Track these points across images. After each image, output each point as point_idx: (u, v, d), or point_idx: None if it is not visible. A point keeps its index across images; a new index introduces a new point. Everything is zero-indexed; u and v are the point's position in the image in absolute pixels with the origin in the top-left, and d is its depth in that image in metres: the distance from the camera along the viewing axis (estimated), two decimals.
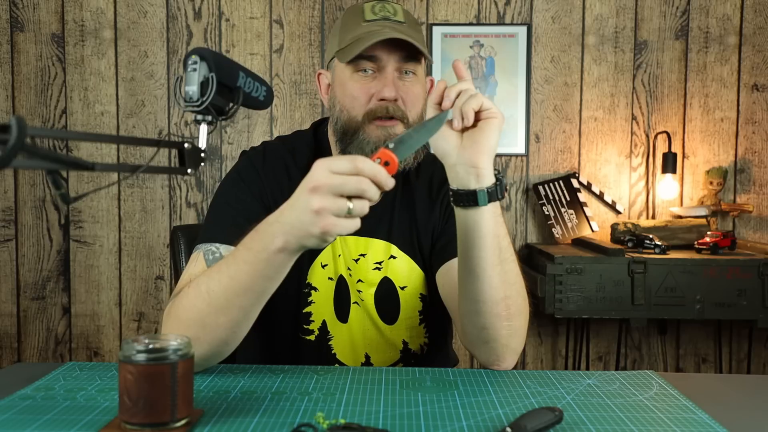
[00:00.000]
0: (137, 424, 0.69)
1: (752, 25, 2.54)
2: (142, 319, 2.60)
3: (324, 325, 1.15)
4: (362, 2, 1.13)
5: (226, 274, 0.86)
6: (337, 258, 1.14)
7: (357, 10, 1.12)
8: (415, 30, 1.11)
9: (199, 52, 0.75)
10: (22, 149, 0.52)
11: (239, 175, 1.14)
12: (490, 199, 0.90)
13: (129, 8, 2.55)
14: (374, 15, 1.09)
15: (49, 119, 2.58)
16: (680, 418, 0.77)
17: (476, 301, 0.94)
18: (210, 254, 1.02)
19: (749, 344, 2.56)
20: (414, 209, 1.17)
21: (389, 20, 1.08)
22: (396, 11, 1.10)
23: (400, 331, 1.16)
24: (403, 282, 1.16)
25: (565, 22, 2.56)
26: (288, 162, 1.16)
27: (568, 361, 2.54)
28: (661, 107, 2.57)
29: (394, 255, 1.15)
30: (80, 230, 2.59)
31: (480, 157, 0.91)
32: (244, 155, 1.19)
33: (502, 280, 0.93)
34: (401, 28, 1.08)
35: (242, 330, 0.90)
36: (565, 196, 2.49)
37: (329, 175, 0.75)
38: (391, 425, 0.73)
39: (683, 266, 2.12)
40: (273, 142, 1.22)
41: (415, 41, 1.06)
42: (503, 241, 0.93)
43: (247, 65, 2.53)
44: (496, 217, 0.92)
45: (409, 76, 1.10)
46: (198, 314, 0.88)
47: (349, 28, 1.10)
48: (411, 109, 1.09)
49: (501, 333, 0.95)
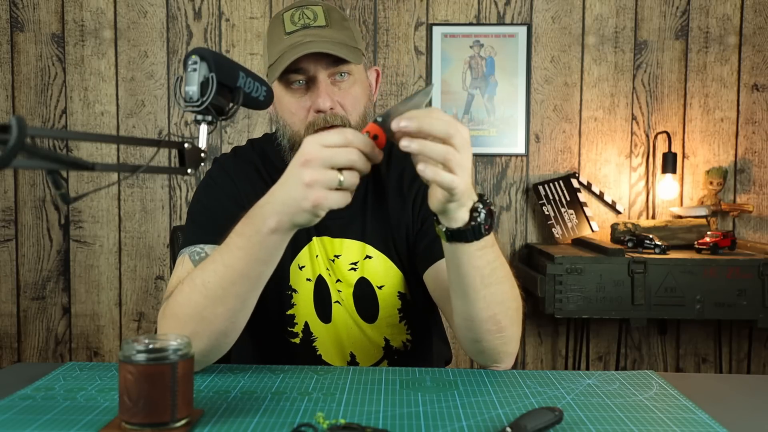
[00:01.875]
0: (137, 424, 0.69)
1: (752, 25, 2.54)
2: (142, 319, 2.60)
3: (307, 327, 1.15)
4: (282, 11, 1.10)
5: (221, 263, 0.86)
6: (314, 258, 1.14)
7: (278, 21, 1.09)
8: (341, 28, 1.07)
9: (199, 52, 0.75)
10: (22, 149, 0.52)
11: (212, 179, 1.15)
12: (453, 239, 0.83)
13: (129, 8, 2.55)
14: (294, 25, 1.06)
15: (49, 119, 2.58)
16: (680, 418, 0.77)
17: (465, 318, 0.93)
18: (196, 255, 1.02)
19: (749, 344, 2.56)
20: (386, 206, 1.16)
21: (310, 27, 1.05)
22: (316, 15, 1.07)
23: (380, 330, 1.16)
24: (380, 281, 1.15)
25: (565, 22, 2.56)
26: (258, 163, 1.17)
27: (568, 361, 2.54)
28: (661, 107, 2.57)
29: (369, 255, 1.15)
30: (80, 230, 2.59)
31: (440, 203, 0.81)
32: (215, 161, 1.20)
33: (489, 302, 0.89)
34: (324, 33, 1.04)
35: (240, 320, 0.90)
36: (565, 196, 2.49)
37: (320, 148, 0.75)
38: (391, 425, 0.73)
39: (683, 266, 2.12)
40: (242, 146, 1.23)
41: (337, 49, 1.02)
42: (484, 271, 0.87)
43: (247, 65, 2.53)
44: (472, 252, 0.84)
45: (344, 78, 1.07)
46: (195, 308, 0.87)
47: (274, 42, 1.08)
48: (352, 112, 1.07)
49: (494, 344, 0.94)
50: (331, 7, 1.10)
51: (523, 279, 2.32)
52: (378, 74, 1.19)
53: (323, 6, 1.09)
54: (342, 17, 1.10)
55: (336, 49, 1.03)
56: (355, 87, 1.08)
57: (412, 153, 0.76)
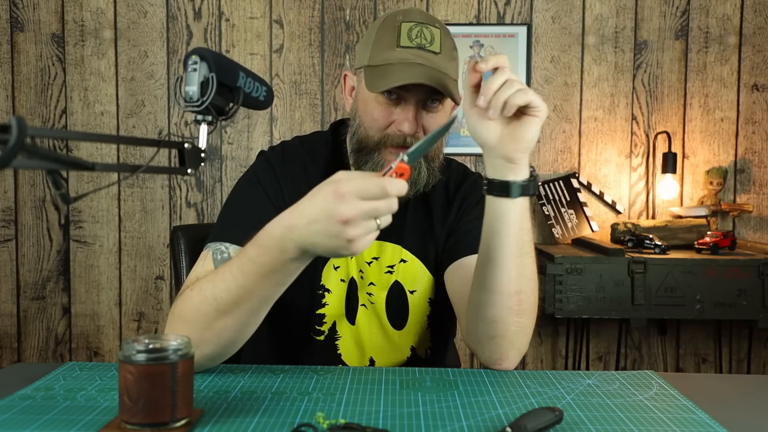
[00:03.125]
0: (137, 424, 0.69)
1: (752, 25, 2.54)
2: (142, 319, 2.60)
3: (334, 326, 1.15)
4: (402, 19, 1.06)
5: (234, 284, 0.84)
6: (348, 260, 1.14)
7: (394, 26, 1.06)
8: (450, 59, 1.06)
9: (199, 52, 0.75)
10: (22, 149, 0.52)
11: (256, 176, 1.13)
12: (522, 193, 0.92)
13: (129, 8, 2.55)
14: (410, 41, 1.04)
15: (49, 119, 2.58)
16: (680, 418, 0.77)
17: (491, 292, 0.94)
18: (219, 254, 1.02)
19: (749, 344, 2.56)
20: (430, 214, 1.17)
21: (424, 50, 1.04)
22: (433, 38, 1.05)
23: (409, 337, 1.16)
24: (413, 286, 1.15)
25: (565, 22, 2.56)
26: (306, 163, 1.15)
27: (568, 361, 2.54)
28: (661, 107, 2.57)
29: (404, 259, 1.15)
30: (80, 230, 2.59)
31: (517, 152, 0.91)
32: (262, 155, 1.17)
33: (519, 274, 0.93)
34: (435, 60, 1.03)
35: (249, 330, 0.90)
36: (565, 196, 2.49)
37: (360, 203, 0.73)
38: (391, 425, 0.73)
39: (683, 266, 2.12)
40: (291, 142, 1.20)
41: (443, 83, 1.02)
42: (526, 236, 0.94)
43: (247, 65, 2.53)
44: (524, 211, 0.93)
45: (435, 105, 1.07)
46: (205, 318, 0.87)
47: (382, 46, 1.05)
48: None
49: (510, 329, 0.95)
50: (447, 33, 1.08)
51: None
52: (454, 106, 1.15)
53: (442, 31, 1.07)
54: (453, 47, 1.09)
55: (442, 84, 1.02)
56: (441, 116, 1.08)
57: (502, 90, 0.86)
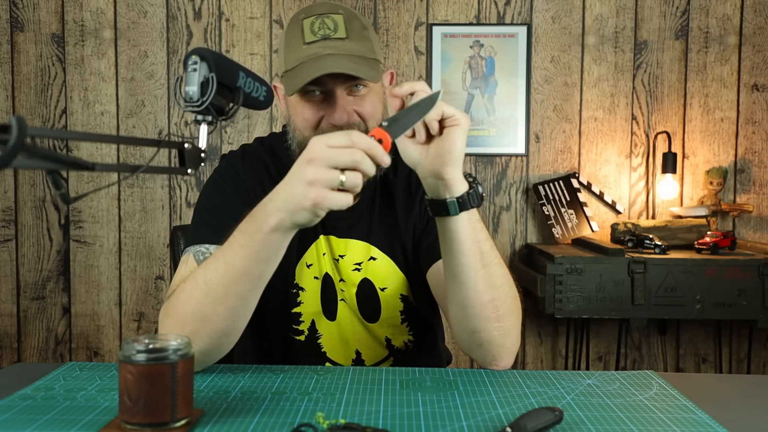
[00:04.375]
0: (137, 424, 0.69)
1: (752, 25, 2.54)
2: (142, 319, 2.60)
3: (313, 325, 1.15)
4: (302, 15, 1.07)
5: (222, 261, 0.86)
6: (321, 257, 1.15)
7: (296, 27, 1.06)
8: (361, 39, 1.05)
9: (199, 52, 0.75)
10: (22, 149, 0.52)
11: (220, 176, 1.15)
12: (461, 208, 0.88)
13: (129, 8, 2.55)
14: (314, 35, 1.04)
15: (49, 119, 2.58)
16: (680, 418, 0.77)
17: (464, 306, 0.93)
18: (200, 255, 1.02)
19: (749, 344, 2.56)
20: (394, 209, 1.17)
21: (329, 39, 1.03)
22: (336, 25, 1.04)
23: (383, 329, 1.17)
24: (383, 283, 1.16)
25: (565, 22, 2.56)
26: (267, 161, 1.17)
27: (568, 361, 2.54)
28: (661, 107, 2.57)
29: (374, 256, 1.15)
30: (80, 230, 2.59)
31: (445, 167, 0.87)
32: (223, 158, 1.20)
33: (488, 284, 0.92)
34: (344, 46, 1.03)
35: (242, 320, 0.90)
36: (565, 196, 2.49)
37: (324, 148, 0.76)
38: (391, 425, 0.73)
39: (683, 266, 2.12)
40: (251, 143, 1.23)
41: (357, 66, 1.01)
42: (484, 246, 0.91)
43: (247, 65, 2.53)
44: (474, 224, 0.90)
45: (360, 89, 1.06)
46: (196, 306, 0.88)
47: (292, 48, 1.05)
48: (369, 120, 1.07)
49: (493, 335, 0.94)
50: (351, 16, 1.07)
51: (523, 279, 2.32)
52: (392, 76, 1.18)
53: (344, 15, 1.06)
54: (362, 26, 1.08)
55: (355, 67, 1.01)
56: (371, 96, 1.08)
57: None
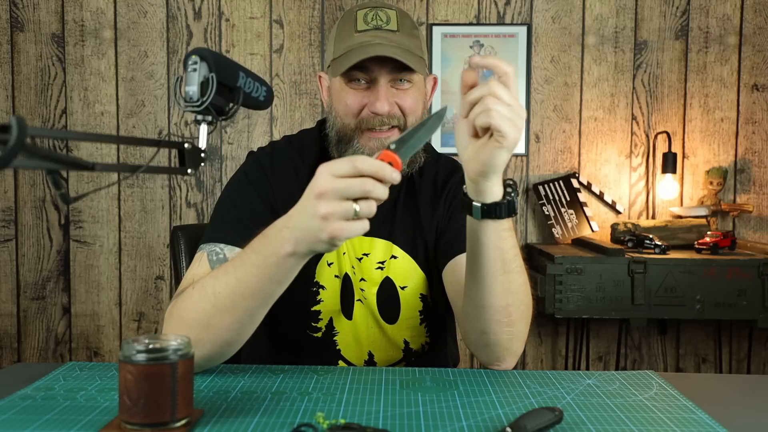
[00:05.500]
0: (137, 424, 0.69)
1: (752, 25, 2.54)
2: (142, 319, 2.60)
3: (330, 322, 1.15)
4: (356, 8, 1.11)
5: (234, 277, 0.85)
6: (341, 256, 1.15)
7: (350, 17, 1.10)
8: (410, 36, 1.09)
9: (199, 52, 0.75)
10: (22, 149, 0.52)
11: (246, 176, 1.14)
12: (485, 216, 0.87)
13: (129, 8, 2.55)
14: (366, 25, 1.07)
15: (49, 119, 2.58)
16: (680, 418, 0.77)
17: (478, 306, 0.94)
18: (214, 255, 1.02)
19: (749, 344, 2.56)
20: (418, 210, 1.17)
21: (381, 30, 1.07)
22: (389, 18, 1.08)
23: (401, 331, 1.17)
24: (404, 282, 1.16)
25: (565, 22, 2.56)
26: (296, 161, 1.16)
27: (568, 361, 2.54)
28: (661, 107, 2.57)
29: (395, 255, 1.16)
30: (80, 230, 2.59)
31: (479, 175, 0.87)
32: (251, 155, 1.18)
33: (505, 290, 0.92)
34: (394, 38, 1.06)
35: (246, 332, 0.90)
36: (565, 196, 2.49)
37: (333, 179, 0.74)
38: (391, 425, 0.73)
39: (683, 266, 2.12)
40: (280, 142, 1.21)
41: (405, 56, 1.03)
42: (507, 254, 0.90)
43: (247, 65, 2.53)
44: (500, 232, 0.89)
45: (404, 84, 1.09)
46: (202, 314, 0.87)
47: (343, 37, 1.09)
48: (409, 115, 1.09)
49: (502, 338, 0.95)
50: (404, 13, 1.11)
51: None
52: (435, 82, 1.19)
53: (397, 11, 1.10)
54: (413, 25, 1.11)
55: (403, 56, 1.04)
56: (413, 93, 1.10)
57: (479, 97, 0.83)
